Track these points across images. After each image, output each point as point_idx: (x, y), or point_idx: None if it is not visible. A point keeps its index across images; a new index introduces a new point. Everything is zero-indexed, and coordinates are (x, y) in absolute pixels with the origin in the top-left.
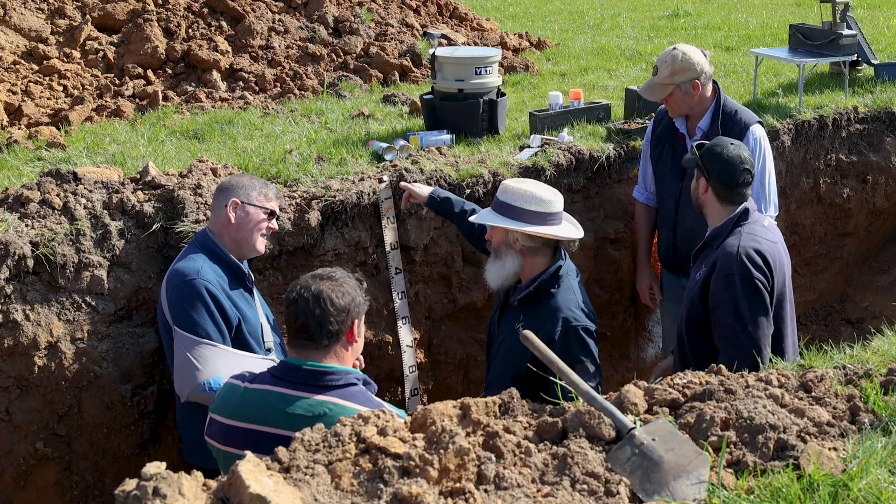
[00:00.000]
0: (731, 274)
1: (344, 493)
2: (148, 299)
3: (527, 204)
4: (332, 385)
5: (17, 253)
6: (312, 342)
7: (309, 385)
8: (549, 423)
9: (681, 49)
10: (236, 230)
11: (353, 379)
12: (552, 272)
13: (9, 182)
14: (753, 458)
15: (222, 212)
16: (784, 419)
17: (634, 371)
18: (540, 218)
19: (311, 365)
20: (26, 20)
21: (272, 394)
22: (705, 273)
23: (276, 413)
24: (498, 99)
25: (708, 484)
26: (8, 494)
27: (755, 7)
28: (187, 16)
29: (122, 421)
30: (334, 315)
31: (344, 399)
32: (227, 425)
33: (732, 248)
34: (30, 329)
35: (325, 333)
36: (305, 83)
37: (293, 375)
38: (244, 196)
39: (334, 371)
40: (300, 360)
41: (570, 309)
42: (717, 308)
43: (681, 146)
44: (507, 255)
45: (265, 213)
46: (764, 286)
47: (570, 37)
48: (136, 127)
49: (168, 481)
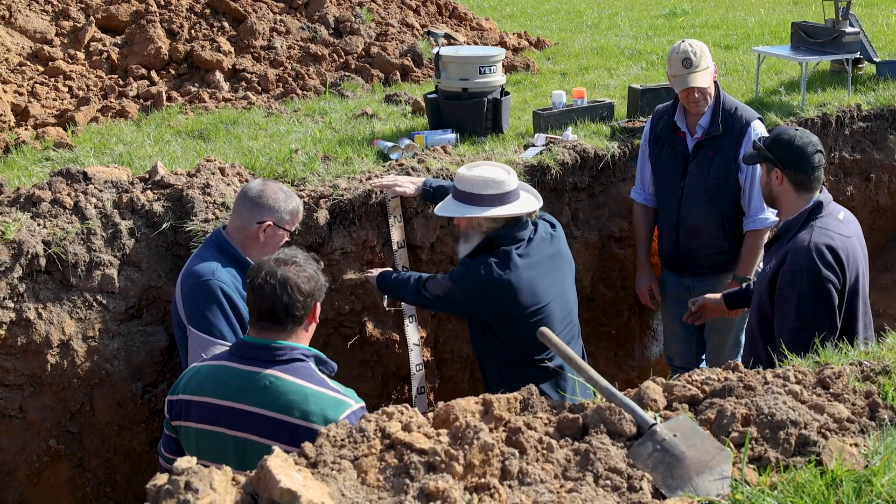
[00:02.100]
0: (800, 271)
1: (370, 489)
2: (158, 298)
3: (484, 189)
4: (277, 360)
5: (30, 252)
6: (277, 325)
7: (258, 360)
8: (570, 420)
9: (689, 41)
10: (261, 247)
11: (299, 355)
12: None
13: (19, 182)
14: (775, 453)
15: (251, 227)
16: (805, 415)
17: (638, 369)
18: (498, 199)
19: (261, 341)
20: (31, 22)
21: (224, 368)
22: (775, 266)
23: (229, 387)
24: (502, 98)
25: (731, 479)
26: (22, 491)
27: (753, 5)
28: (190, 17)
29: (133, 418)
30: (300, 301)
31: (286, 373)
32: (188, 401)
33: (803, 243)
34: (42, 327)
35: (290, 318)
36: (307, 83)
37: (244, 351)
38: (278, 220)
39: (281, 346)
40: (254, 338)
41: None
42: (782, 303)
43: (681, 144)
44: (474, 236)
45: (290, 236)
46: (833, 285)
47: (569, 36)
48: (142, 127)
49: (199, 475)
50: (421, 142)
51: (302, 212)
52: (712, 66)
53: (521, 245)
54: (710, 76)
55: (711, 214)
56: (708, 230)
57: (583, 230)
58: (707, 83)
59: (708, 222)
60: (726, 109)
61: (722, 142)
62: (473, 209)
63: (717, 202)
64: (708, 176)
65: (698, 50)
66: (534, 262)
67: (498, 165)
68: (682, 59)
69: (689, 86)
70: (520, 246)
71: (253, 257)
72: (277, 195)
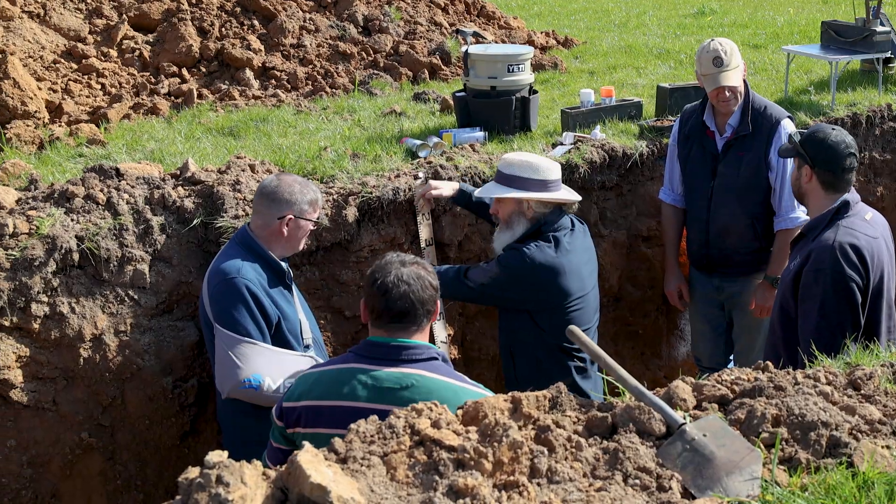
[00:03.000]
0: (823, 269)
1: (400, 485)
2: (188, 293)
3: (531, 173)
4: (415, 359)
5: (64, 247)
6: (413, 324)
7: (393, 360)
8: (599, 418)
9: (719, 39)
10: (286, 240)
11: (434, 353)
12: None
13: (53, 177)
14: (806, 455)
15: (274, 223)
16: (836, 416)
17: (665, 369)
18: (544, 185)
19: (394, 340)
20: (65, 20)
21: (358, 370)
22: (799, 264)
23: (364, 388)
24: (530, 96)
25: (761, 480)
26: (55, 483)
27: (782, 4)
28: (220, 15)
29: (163, 413)
30: (433, 296)
31: (429, 371)
32: (318, 406)
33: (828, 241)
34: (75, 321)
35: (424, 314)
36: (336, 81)
37: (377, 352)
38: (298, 211)
39: (416, 346)
40: (386, 337)
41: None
42: (805, 301)
43: (710, 144)
44: (518, 222)
45: (313, 225)
46: (857, 284)
47: (597, 35)
48: (173, 124)
49: (231, 469)
50: (449, 140)
51: (322, 199)
52: (742, 64)
53: (566, 233)
54: (741, 75)
55: (741, 214)
56: (738, 230)
57: (610, 229)
58: (737, 82)
59: (738, 222)
60: (756, 108)
61: (752, 141)
62: (521, 192)
63: (746, 202)
64: (738, 175)
65: (728, 49)
66: (578, 251)
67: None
68: (712, 57)
69: (719, 85)
70: (566, 233)
71: (278, 252)
72: (293, 187)
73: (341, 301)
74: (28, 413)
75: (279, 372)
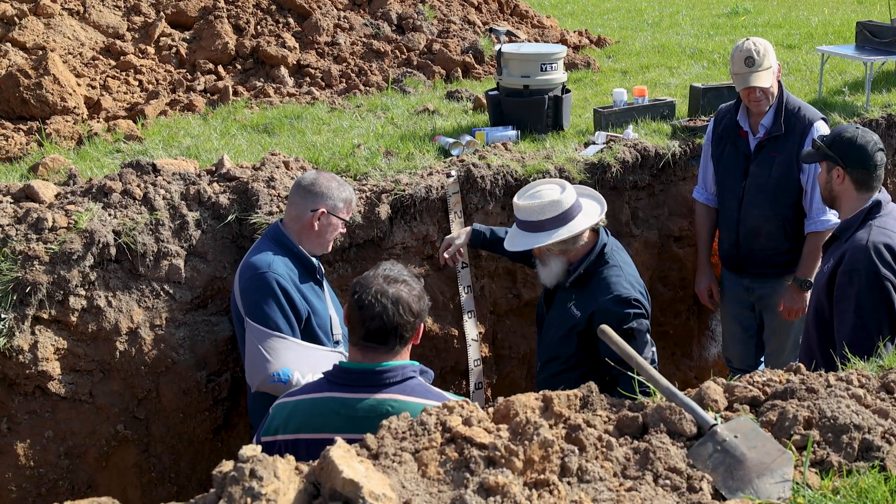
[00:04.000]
0: (858, 270)
1: (431, 481)
2: (223, 288)
3: (545, 214)
4: (390, 382)
5: (101, 241)
6: (384, 346)
7: (367, 386)
8: (630, 418)
9: (753, 39)
10: (317, 236)
11: (409, 372)
12: (598, 253)
13: (91, 172)
14: (838, 458)
15: (306, 216)
16: (868, 419)
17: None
18: (562, 219)
19: (366, 366)
20: (104, 17)
21: (333, 400)
22: (832, 266)
23: (339, 418)
24: (563, 95)
25: (792, 483)
26: (91, 474)
27: (816, 4)
28: (256, 12)
29: (197, 406)
30: (410, 322)
31: (404, 394)
32: (295, 440)
33: (861, 241)
34: (112, 315)
35: (398, 339)
36: (370, 79)
37: (349, 378)
38: (331, 207)
39: (391, 368)
40: (357, 363)
41: (619, 283)
42: (840, 302)
43: (743, 144)
44: (549, 259)
45: (344, 224)
46: (892, 284)
47: (630, 34)
48: (208, 121)
49: (264, 464)
50: (482, 138)
51: (356, 201)
52: (776, 65)
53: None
54: (773, 76)
55: (772, 215)
56: (768, 231)
57: (642, 229)
58: (769, 83)
59: (768, 223)
60: (789, 109)
61: (784, 142)
62: (539, 236)
63: (777, 203)
64: (769, 176)
65: (762, 49)
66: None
67: (551, 182)
68: (744, 57)
69: (749, 85)
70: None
71: (308, 247)
72: (330, 183)
73: None
74: (65, 405)
75: (308, 367)
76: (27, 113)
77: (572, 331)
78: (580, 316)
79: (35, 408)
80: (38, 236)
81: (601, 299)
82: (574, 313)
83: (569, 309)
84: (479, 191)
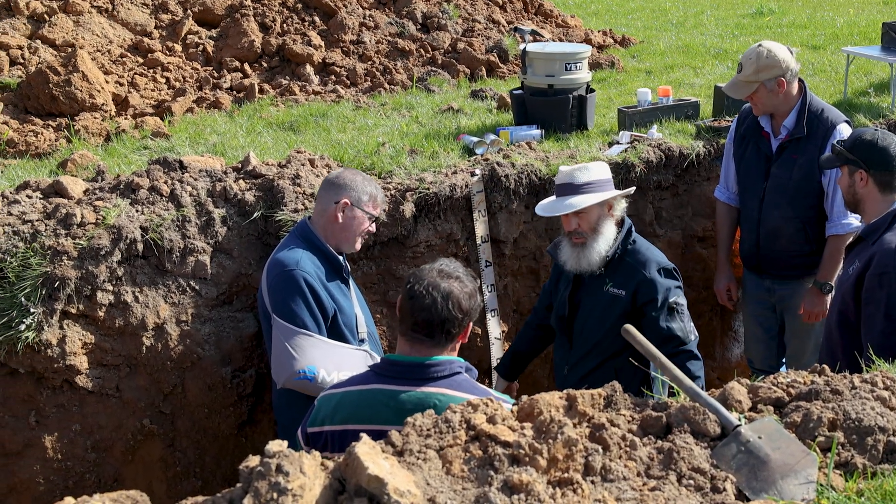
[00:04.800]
0: (888, 272)
1: (455, 479)
2: (248, 285)
3: (602, 175)
4: (437, 376)
5: (129, 237)
6: (430, 339)
7: (415, 379)
8: (654, 418)
9: (766, 46)
10: (340, 230)
11: (457, 368)
12: (626, 230)
13: (119, 169)
14: (862, 460)
15: (330, 208)
16: (893, 422)
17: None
18: (608, 185)
19: (414, 359)
20: (132, 15)
21: (380, 392)
22: (859, 268)
23: (387, 410)
24: (587, 95)
25: (816, 484)
26: (118, 468)
27: (841, 5)
28: (282, 11)
29: (222, 402)
30: (459, 319)
31: (451, 389)
32: (343, 431)
33: (891, 244)
34: (139, 310)
35: (445, 334)
36: (395, 78)
37: (396, 370)
38: (355, 199)
39: (438, 362)
40: (405, 356)
41: (655, 254)
42: (869, 305)
43: (765, 145)
44: (606, 226)
45: (370, 219)
46: None
47: (654, 34)
48: (234, 118)
49: (290, 459)
50: (506, 137)
51: (383, 198)
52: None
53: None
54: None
55: (792, 216)
56: (788, 232)
57: (666, 229)
58: (739, 95)
59: (789, 224)
60: (812, 111)
61: (806, 144)
62: (590, 196)
63: (798, 204)
64: (790, 178)
65: (754, 58)
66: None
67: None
68: (741, 60)
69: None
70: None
71: (334, 243)
72: (355, 177)
73: (397, 296)
74: (92, 399)
75: (334, 364)
76: (56, 109)
77: (615, 313)
78: (624, 294)
79: (63, 401)
80: (67, 232)
81: (643, 270)
82: (615, 293)
83: (606, 293)
84: (503, 190)
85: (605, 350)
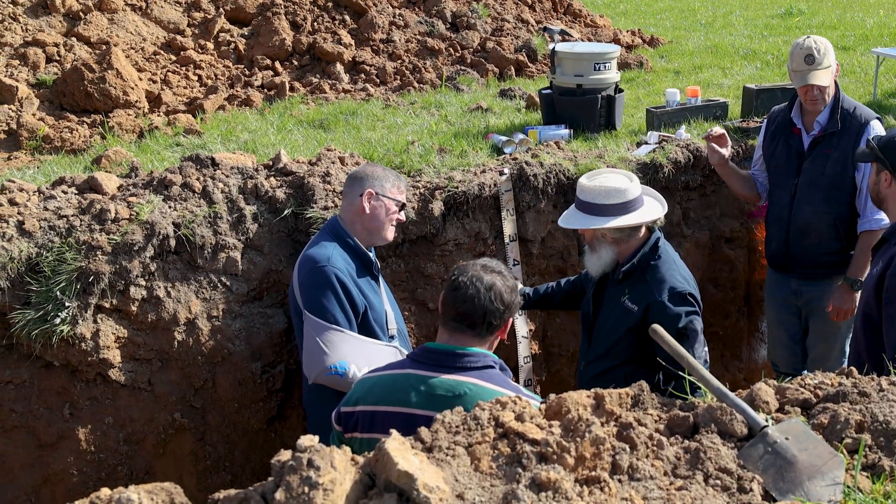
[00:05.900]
0: None
1: (483, 475)
2: (278, 281)
3: (606, 199)
4: (470, 366)
5: (161, 233)
6: (471, 330)
7: (448, 367)
8: (681, 418)
9: (813, 37)
10: (370, 220)
11: (490, 362)
12: (651, 245)
13: (152, 165)
14: (890, 462)
15: (356, 201)
16: None
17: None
18: (621, 208)
19: (450, 348)
20: (165, 13)
21: (413, 376)
22: (881, 269)
23: (418, 394)
24: (616, 95)
25: (843, 486)
26: (149, 461)
27: (871, 6)
28: (313, 9)
29: (251, 397)
30: (500, 311)
31: (483, 380)
32: (373, 412)
33: None
34: (171, 305)
35: (485, 325)
36: (424, 76)
37: (431, 357)
38: (379, 187)
39: (473, 353)
40: (443, 344)
41: (673, 277)
42: (889, 306)
43: (796, 141)
44: (600, 247)
45: (397, 204)
46: None
47: (683, 34)
48: (265, 116)
49: (321, 454)
50: (534, 136)
51: (406, 186)
52: (834, 65)
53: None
54: (831, 75)
55: (825, 212)
56: (819, 229)
57: (693, 229)
58: (827, 82)
59: (820, 221)
60: (845, 108)
61: (840, 139)
62: (597, 219)
63: (831, 200)
64: (823, 173)
65: (822, 47)
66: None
67: (619, 172)
68: (805, 54)
69: (807, 83)
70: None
71: (365, 237)
72: (376, 168)
73: (425, 293)
74: (125, 392)
75: (364, 360)
76: (91, 106)
77: (626, 325)
78: (637, 310)
79: (96, 394)
80: (101, 227)
81: (656, 292)
82: (629, 307)
83: (622, 304)
84: (531, 189)
85: (618, 355)
